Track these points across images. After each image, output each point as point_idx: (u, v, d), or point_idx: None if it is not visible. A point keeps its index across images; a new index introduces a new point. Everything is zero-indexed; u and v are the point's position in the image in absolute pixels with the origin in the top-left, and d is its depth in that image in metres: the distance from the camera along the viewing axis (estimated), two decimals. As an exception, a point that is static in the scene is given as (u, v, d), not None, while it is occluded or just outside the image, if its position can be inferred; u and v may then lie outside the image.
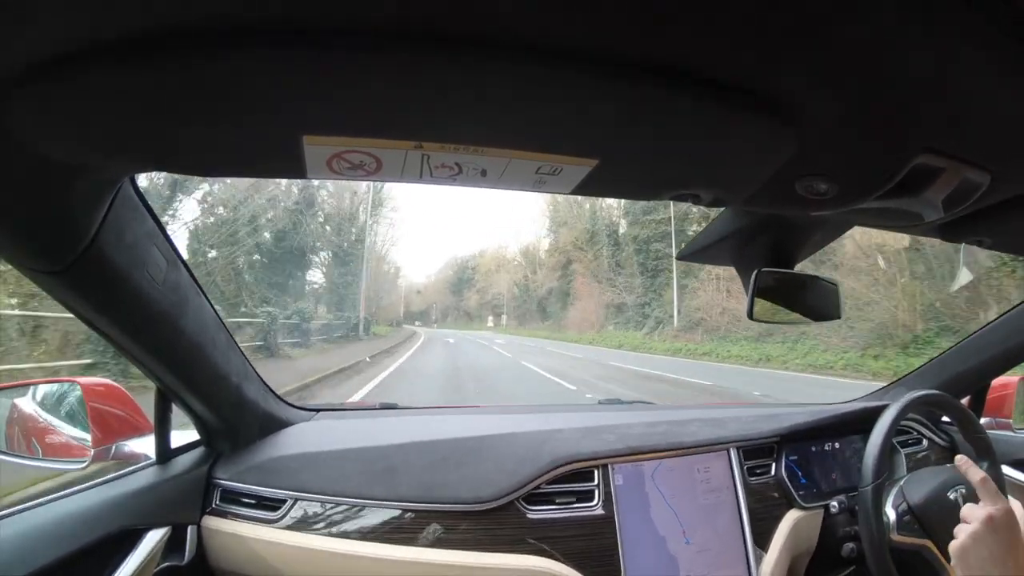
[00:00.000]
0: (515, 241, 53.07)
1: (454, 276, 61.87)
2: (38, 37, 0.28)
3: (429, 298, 63.00)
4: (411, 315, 58.48)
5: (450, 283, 62.53)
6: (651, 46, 0.30)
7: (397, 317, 43.00)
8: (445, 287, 63.01)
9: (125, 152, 0.39)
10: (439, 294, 62.61)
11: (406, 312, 57.55)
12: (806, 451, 1.07)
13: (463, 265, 61.43)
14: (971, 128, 0.40)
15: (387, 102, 0.32)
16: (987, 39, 0.30)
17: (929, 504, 0.90)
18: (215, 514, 0.86)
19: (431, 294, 63.29)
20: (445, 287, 63.01)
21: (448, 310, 61.78)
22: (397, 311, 45.05)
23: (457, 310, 60.31)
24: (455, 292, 61.02)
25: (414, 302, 61.12)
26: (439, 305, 62.00)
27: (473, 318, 55.35)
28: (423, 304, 62.70)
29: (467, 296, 58.74)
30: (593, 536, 0.88)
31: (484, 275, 56.00)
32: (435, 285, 64.88)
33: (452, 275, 62.47)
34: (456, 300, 60.36)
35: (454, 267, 62.69)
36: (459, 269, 61.46)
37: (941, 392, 1.03)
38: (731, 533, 0.96)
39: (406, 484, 0.87)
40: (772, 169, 0.44)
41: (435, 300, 62.55)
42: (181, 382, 0.75)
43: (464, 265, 61.28)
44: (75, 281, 0.52)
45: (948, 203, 0.48)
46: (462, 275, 61.08)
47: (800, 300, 0.81)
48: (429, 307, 62.07)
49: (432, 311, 60.93)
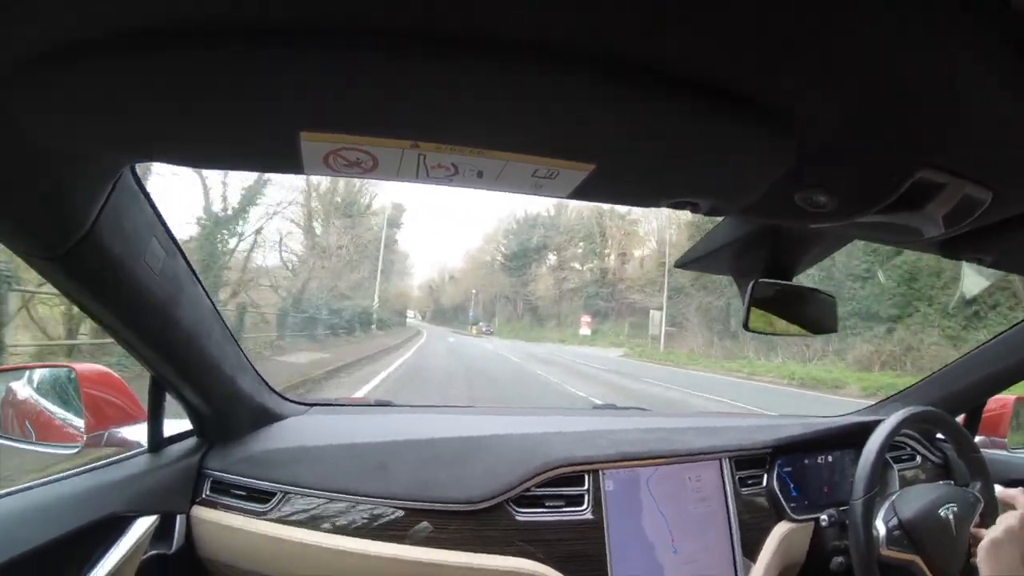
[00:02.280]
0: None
1: (514, 241, 36.01)
2: (41, 26, 0.28)
3: (466, 284, 39.93)
4: (442, 313, 41.71)
5: (507, 251, 36.39)
6: (650, 51, 0.30)
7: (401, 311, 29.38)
8: (493, 263, 38.23)
9: (124, 142, 0.39)
10: (483, 276, 38.53)
11: (436, 309, 42.70)
12: (799, 463, 1.07)
13: (531, 220, 35.23)
14: (973, 144, 0.40)
15: (384, 101, 0.32)
16: (990, 54, 0.30)
17: (920, 520, 0.89)
18: (205, 504, 0.86)
19: (471, 277, 39.86)
20: (493, 263, 38.23)
21: (496, 301, 36.80)
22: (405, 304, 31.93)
23: (513, 303, 35.57)
24: (515, 268, 35.09)
25: (446, 294, 42.77)
26: (482, 294, 38.02)
27: (546, 319, 32.39)
28: (458, 295, 40.99)
29: (535, 275, 34.20)
30: (581, 540, 0.88)
31: (568, 231, 32.30)
32: (477, 260, 40.11)
33: (514, 237, 36.28)
34: (515, 282, 35.03)
35: (517, 224, 36.54)
36: (525, 225, 35.58)
37: (936, 409, 1.03)
38: (720, 543, 0.95)
39: (397, 481, 0.87)
40: (771, 180, 0.43)
41: (477, 285, 38.38)
42: (176, 371, 0.75)
43: (533, 220, 35.04)
44: (72, 268, 0.52)
45: (948, 220, 0.48)
46: (529, 232, 34.58)
47: (797, 312, 0.81)
48: (466, 298, 39.22)
49: (471, 303, 38.42)
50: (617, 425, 1.08)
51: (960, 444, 1.02)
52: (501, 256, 37.61)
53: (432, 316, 43.41)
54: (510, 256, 35.88)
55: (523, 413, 1.23)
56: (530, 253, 34.59)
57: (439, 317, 42.45)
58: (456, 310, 40.26)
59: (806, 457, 1.08)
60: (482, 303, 37.99)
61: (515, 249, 35.37)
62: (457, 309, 40.07)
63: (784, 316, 0.80)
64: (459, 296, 40.67)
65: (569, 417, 1.19)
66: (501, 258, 37.55)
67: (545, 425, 1.04)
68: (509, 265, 35.76)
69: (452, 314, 40.81)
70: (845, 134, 0.39)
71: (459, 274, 42.56)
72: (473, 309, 37.48)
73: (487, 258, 39.53)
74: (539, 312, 33.57)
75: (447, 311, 41.85)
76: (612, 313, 28.17)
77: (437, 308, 43.68)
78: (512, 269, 35.32)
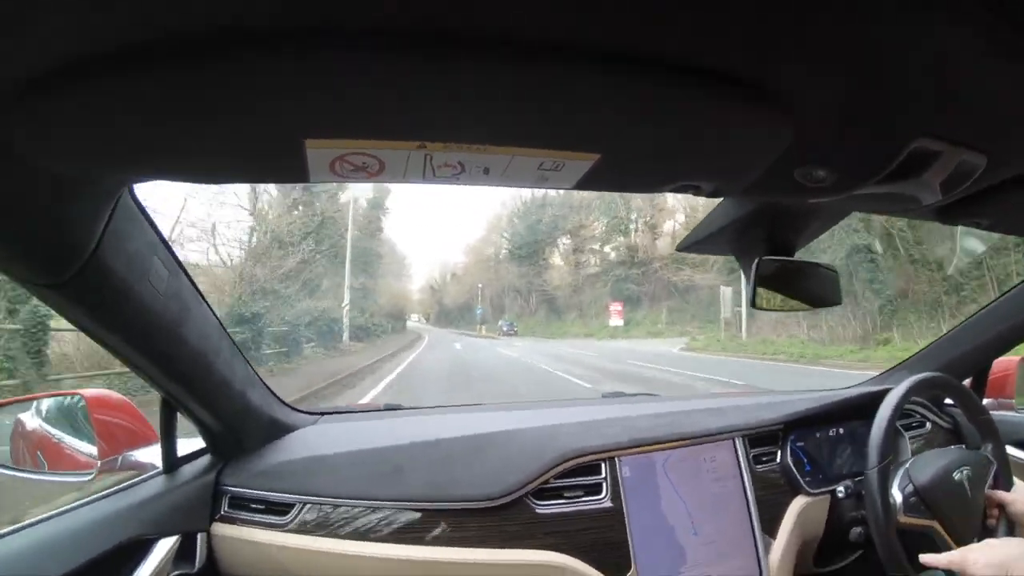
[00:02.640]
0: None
1: (522, 225, 31.04)
2: (37, 50, 0.28)
3: (470, 280, 35.65)
4: (446, 314, 38.38)
5: (514, 239, 31.65)
6: (649, 38, 0.30)
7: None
8: (498, 254, 33.75)
9: (126, 162, 0.39)
10: (488, 269, 34.37)
11: (439, 311, 39.40)
12: (811, 437, 1.07)
13: (539, 201, 29.90)
14: (967, 111, 0.40)
15: (389, 103, 0.32)
16: (982, 21, 0.30)
17: (935, 485, 0.90)
18: (224, 520, 0.86)
19: (475, 272, 35.60)
20: (498, 254, 33.75)
21: (505, 295, 32.10)
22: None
23: (525, 296, 30.83)
24: (524, 256, 30.36)
25: (449, 293, 39.35)
26: (489, 289, 33.60)
27: (565, 311, 27.95)
28: (462, 293, 36.83)
29: (549, 262, 30.10)
30: (602, 528, 0.88)
31: (584, 208, 27.53)
32: (480, 252, 35.77)
33: (520, 221, 31.45)
34: (526, 272, 30.39)
35: (524, 206, 31.51)
36: (533, 207, 30.61)
37: (943, 374, 1.03)
38: (739, 522, 0.96)
39: (413, 484, 0.87)
40: (771, 158, 0.44)
41: (482, 280, 34.05)
42: (185, 391, 0.75)
43: (542, 201, 29.68)
44: (76, 293, 0.52)
45: (946, 186, 0.48)
46: (538, 214, 29.78)
47: (801, 287, 0.82)
48: (471, 295, 34.84)
49: (476, 300, 34.15)
50: (628, 412, 1.08)
51: (968, 407, 1.03)
52: (507, 244, 32.93)
53: (436, 318, 40.51)
54: (518, 244, 31.14)
55: (532, 407, 1.24)
56: (541, 238, 29.99)
57: (443, 319, 39.36)
58: (461, 309, 36.33)
59: (817, 431, 1.08)
60: (489, 298, 33.72)
61: (523, 235, 30.64)
62: (462, 308, 35.91)
63: (788, 292, 0.80)
64: (463, 294, 36.52)
65: (579, 407, 1.19)
66: (507, 247, 32.88)
67: (556, 417, 1.05)
68: (518, 253, 31.19)
69: (457, 314, 36.97)
70: (842, 110, 0.39)
71: (461, 270, 38.48)
72: (480, 306, 33.58)
73: (491, 249, 35.39)
74: (556, 304, 29.09)
75: (451, 311, 38.25)
76: (645, 298, 24.25)
77: (441, 310, 40.37)
78: (521, 258, 30.61)
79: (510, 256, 32.69)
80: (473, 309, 34.60)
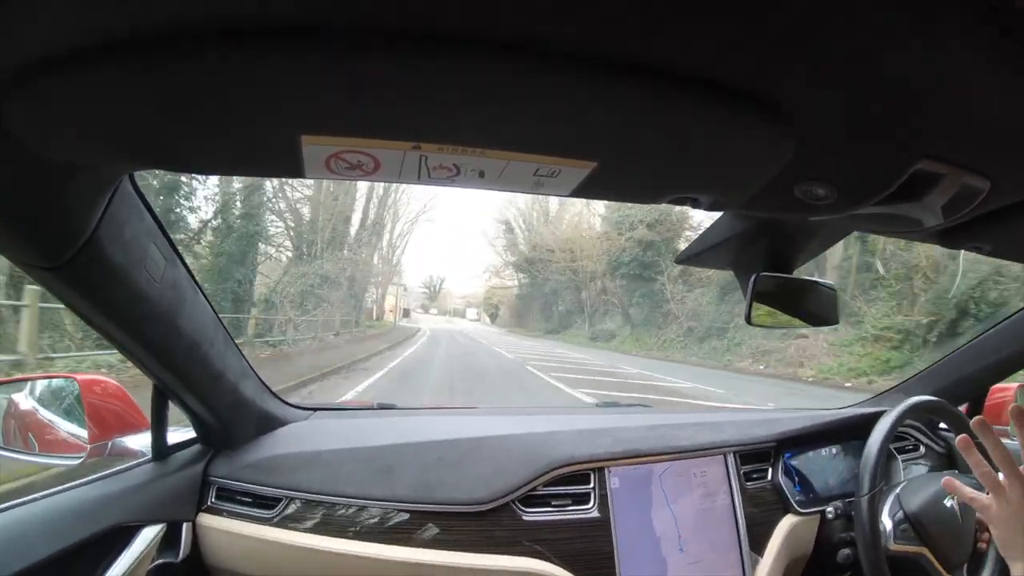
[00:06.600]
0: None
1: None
2: (37, 36, 0.28)
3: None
4: (520, 314, 30.13)
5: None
6: (649, 47, 0.30)
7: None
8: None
9: (123, 151, 0.39)
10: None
11: (519, 306, 30.36)
12: (803, 456, 1.07)
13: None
14: (971, 134, 0.40)
15: (385, 103, 0.32)
16: (988, 43, 0.30)
17: (925, 512, 0.89)
18: (210, 512, 0.85)
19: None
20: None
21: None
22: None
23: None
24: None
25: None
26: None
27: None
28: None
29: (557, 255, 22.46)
30: (588, 539, 0.88)
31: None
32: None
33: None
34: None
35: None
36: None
37: (939, 399, 1.03)
38: (727, 538, 0.95)
39: (402, 484, 0.87)
40: (771, 173, 0.44)
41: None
42: (178, 380, 0.74)
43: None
44: (72, 277, 0.52)
45: (948, 209, 0.48)
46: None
47: (799, 305, 0.81)
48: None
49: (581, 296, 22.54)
50: (620, 423, 1.08)
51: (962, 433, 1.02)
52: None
53: (509, 318, 31.71)
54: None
55: (526, 413, 1.23)
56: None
57: (515, 318, 29.63)
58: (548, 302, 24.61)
59: (810, 450, 1.08)
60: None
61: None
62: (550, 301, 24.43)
63: (786, 309, 0.80)
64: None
65: (572, 416, 1.19)
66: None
67: (548, 424, 1.04)
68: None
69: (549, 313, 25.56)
70: (844, 127, 0.39)
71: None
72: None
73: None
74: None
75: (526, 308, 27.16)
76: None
77: (520, 305, 29.86)
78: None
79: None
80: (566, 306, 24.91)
